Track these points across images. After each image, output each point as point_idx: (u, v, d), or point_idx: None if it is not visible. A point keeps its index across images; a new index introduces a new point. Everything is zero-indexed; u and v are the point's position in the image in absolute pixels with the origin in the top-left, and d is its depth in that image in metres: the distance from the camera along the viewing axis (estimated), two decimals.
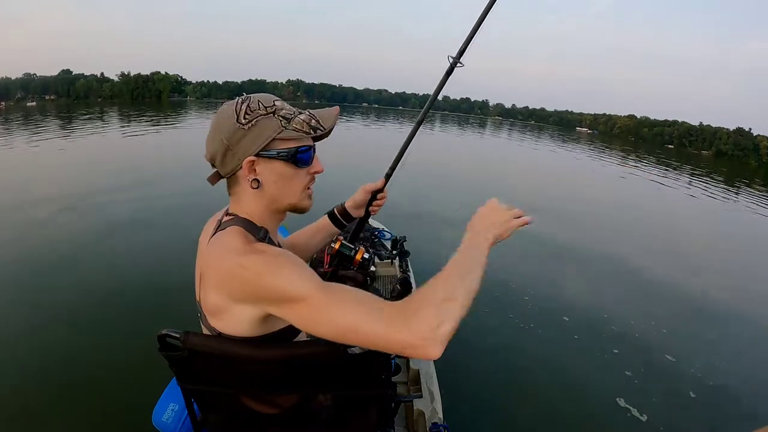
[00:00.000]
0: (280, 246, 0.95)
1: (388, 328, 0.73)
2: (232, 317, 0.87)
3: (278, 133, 0.89)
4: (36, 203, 6.69)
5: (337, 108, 0.98)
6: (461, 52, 1.36)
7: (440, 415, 1.85)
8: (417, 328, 0.72)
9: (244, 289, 0.82)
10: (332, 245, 1.28)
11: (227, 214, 0.97)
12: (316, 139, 0.97)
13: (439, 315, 0.73)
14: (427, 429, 1.77)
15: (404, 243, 3.09)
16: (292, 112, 0.92)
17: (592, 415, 2.63)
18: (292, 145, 0.91)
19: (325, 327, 0.77)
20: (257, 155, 0.88)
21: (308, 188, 0.97)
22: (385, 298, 0.80)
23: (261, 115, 0.88)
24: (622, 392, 2.81)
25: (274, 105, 0.90)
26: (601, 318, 3.89)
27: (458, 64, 1.36)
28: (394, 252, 3.07)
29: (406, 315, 0.74)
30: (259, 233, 0.91)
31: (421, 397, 1.92)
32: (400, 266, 2.97)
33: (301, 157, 0.92)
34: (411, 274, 2.91)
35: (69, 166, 10.55)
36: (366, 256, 1.26)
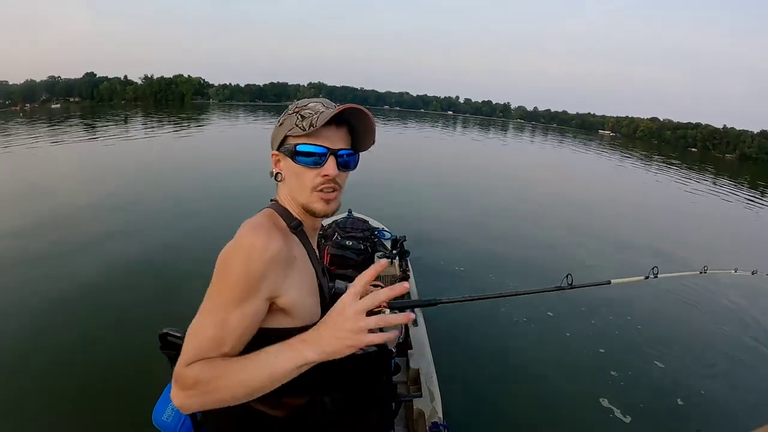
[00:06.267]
0: (315, 250, 1.03)
1: (178, 369, 0.82)
2: None
3: (290, 131, 0.94)
4: (46, 201, 7.08)
5: (342, 107, 0.90)
6: None
7: (440, 414, 1.85)
8: (176, 390, 0.82)
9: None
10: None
11: (271, 200, 1.05)
12: (309, 136, 0.93)
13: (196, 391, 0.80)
14: (427, 429, 1.77)
15: (404, 243, 3.10)
16: (312, 113, 0.93)
17: (592, 413, 2.62)
18: (294, 142, 0.94)
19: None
20: (278, 150, 0.99)
21: (320, 190, 0.95)
22: None
23: (288, 113, 0.97)
24: (618, 394, 2.79)
25: (305, 106, 0.95)
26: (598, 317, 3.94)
27: None
28: (394, 252, 3.08)
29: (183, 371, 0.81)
30: (291, 222, 0.97)
31: (421, 396, 1.92)
32: (400, 266, 2.98)
33: (299, 155, 0.94)
34: (411, 273, 2.92)
35: (79, 168, 11.00)
36: None
